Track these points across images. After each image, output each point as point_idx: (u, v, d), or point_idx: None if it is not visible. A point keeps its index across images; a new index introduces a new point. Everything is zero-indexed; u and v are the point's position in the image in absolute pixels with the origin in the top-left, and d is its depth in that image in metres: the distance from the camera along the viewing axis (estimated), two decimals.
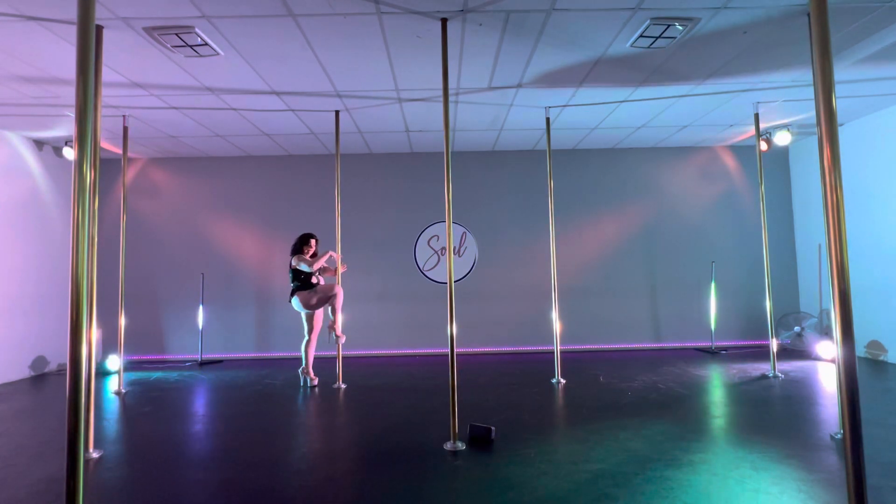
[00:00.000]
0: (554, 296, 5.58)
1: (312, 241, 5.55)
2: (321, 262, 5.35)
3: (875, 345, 6.34)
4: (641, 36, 3.97)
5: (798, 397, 4.69)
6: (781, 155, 7.77)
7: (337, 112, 5.60)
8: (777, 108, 5.85)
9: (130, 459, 3.43)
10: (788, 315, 7.05)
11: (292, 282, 5.42)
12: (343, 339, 5.44)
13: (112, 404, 4.97)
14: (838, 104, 5.56)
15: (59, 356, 6.89)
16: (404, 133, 6.67)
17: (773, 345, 5.62)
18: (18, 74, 4.46)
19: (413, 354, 7.44)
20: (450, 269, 3.69)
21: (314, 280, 5.43)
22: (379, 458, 3.33)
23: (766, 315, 5.65)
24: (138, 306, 7.31)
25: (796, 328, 6.88)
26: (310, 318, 5.50)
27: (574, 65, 4.55)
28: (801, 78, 4.94)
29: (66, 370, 2.25)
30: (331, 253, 5.46)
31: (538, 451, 3.39)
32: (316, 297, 5.36)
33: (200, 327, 7.30)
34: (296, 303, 5.39)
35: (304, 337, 5.57)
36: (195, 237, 7.59)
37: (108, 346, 7.02)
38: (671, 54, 4.36)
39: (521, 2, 3.49)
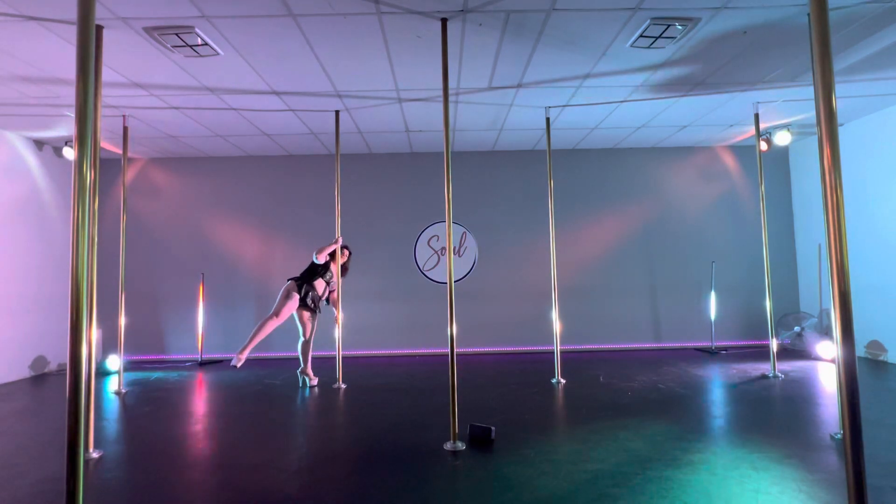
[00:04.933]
0: (554, 296, 5.58)
1: (346, 252, 5.71)
2: (327, 251, 5.44)
3: (875, 345, 6.34)
4: (641, 36, 3.98)
5: (798, 397, 4.69)
6: (781, 155, 7.77)
7: (337, 112, 5.60)
8: (777, 108, 5.85)
9: (130, 459, 3.43)
10: (788, 315, 7.05)
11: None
12: (238, 362, 5.12)
13: (112, 404, 4.97)
14: (838, 104, 5.57)
15: (59, 356, 6.89)
16: (404, 133, 6.67)
17: (773, 345, 5.62)
18: (18, 74, 4.46)
19: (413, 354, 7.44)
20: (450, 269, 3.69)
21: (315, 287, 5.47)
22: (379, 458, 3.33)
23: (766, 315, 5.65)
24: (138, 306, 7.30)
25: (796, 328, 6.88)
26: (301, 319, 5.49)
27: (574, 65, 4.55)
28: (801, 78, 4.94)
29: (66, 370, 2.25)
30: (337, 238, 5.54)
31: (538, 451, 3.38)
32: (287, 300, 5.32)
33: (200, 327, 7.30)
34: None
35: (299, 337, 5.57)
36: (195, 237, 7.59)
37: (108, 346, 7.02)
38: (671, 54, 4.36)
39: (521, 2, 3.49)
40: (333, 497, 2.78)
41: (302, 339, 5.54)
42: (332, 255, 5.56)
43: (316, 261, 5.43)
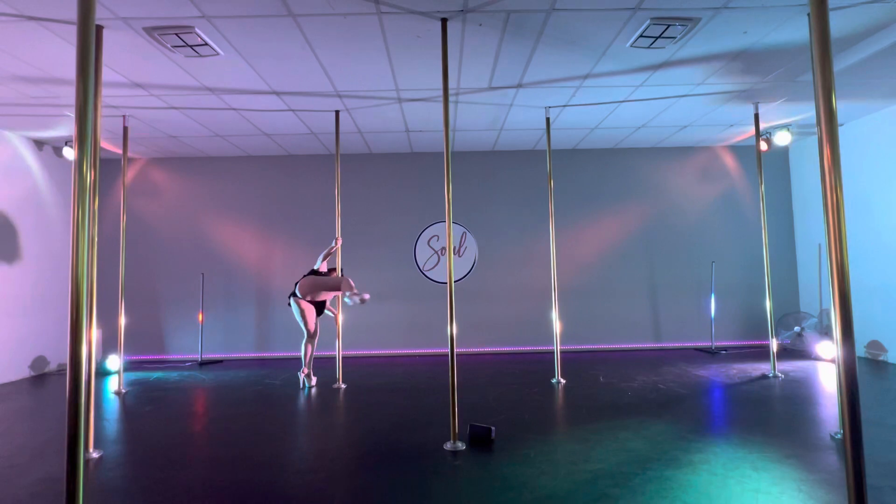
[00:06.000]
0: (554, 296, 5.58)
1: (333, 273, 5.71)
2: (328, 257, 5.53)
3: (875, 345, 6.34)
4: (641, 36, 3.98)
5: (798, 397, 4.69)
6: (781, 155, 7.77)
7: (337, 112, 5.60)
8: (777, 108, 5.85)
9: (130, 459, 3.43)
10: (788, 315, 7.05)
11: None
12: (363, 298, 5.21)
13: (112, 404, 4.97)
14: (838, 104, 5.58)
15: (59, 356, 6.89)
16: (404, 133, 6.67)
17: (773, 345, 5.62)
18: (18, 74, 4.46)
19: (413, 354, 7.44)
20: (450, 269, 3.69)
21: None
22: (379, 458, 3.33)
23: (766, 315, 5.65)
24: (138, 306, 7.30)
25: (796, 328, 6.88)
26: (303, 316, 5.45)
27: (574, 65, 4.55)
28: (802, 78, 4.94)
29: (66, 370, 2.25)
30: (337, 238, 5.59)
31: (538, 451, 3.39)
32: (328, 284, 5.32)
33: (200, 327, 7.30)
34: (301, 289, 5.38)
35: (303, 337, 5.56)
36: (195, 237, 7.59)
37: (108, 346, 7.02)
38: (671, 54, 4.36)
39: (521, 2, 3.49)
40: (334, 497, 2.78)
41: (305, 338, 5.52)
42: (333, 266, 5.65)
43: (317, 269, 5.50)
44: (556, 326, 5.56)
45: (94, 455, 3.44)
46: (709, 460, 3.17)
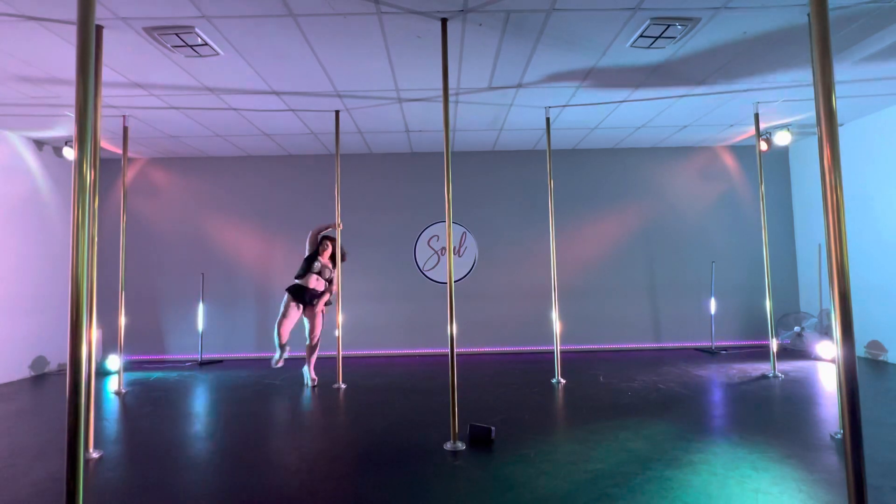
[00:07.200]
0: (554, 296, 5.58)
1: (327, 243, 5.58)
2: (315, 233, 5.55)
3: (875, 345, 6.34)
4: (641, 36, 3.98)
5: (798, 397, 4.69)
6: (781, 155, 7.77)
7: (337, 112, 5.60)
8: (777, 108, 5.85)
9: (130, 459, 3.43)
10: (788, 315, 7.05)
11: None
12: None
13: (112, 404, 4.97)
14: (838, 104, 5.58)
15: (59, 356, 6.89)
16: (404, 133, 6.67)
17: (773, 345, 5.62)
18: (18, 74, 4.46)
19: (413, 354, 7.44)
20: (450, 269, 3.69)
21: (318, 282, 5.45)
22: (379, 458, 3.33)
23: (766, 315, 5.65)
24: (138, 306, 7.30)
25: (796, 328, 6.88)
26: (306, 315, 5.46)
27: (574, 65, 4.55)
28: (801, 78, 4.94)
29: (66, 370, 2.25)
30: (334, 224, 5.59)
31: (538, 451, 3.39)
32: (289, 307, 5.34)
33: (200, 327, 7.30)
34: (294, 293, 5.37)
35: (305, 339, 5.57)
36: (195, 237, 7.59)
37: (108, 346, 7.02)
38: (671, 54, 4.36)
39: (521, 2, 3.49)
40: (333, 497, 2.78)
41: (308, 337, 5.53)
42: (324, 247, 5.52)
43: (307, 251, 5.48)
44: (556, 326, 5.56)
45: (94, 455, 3.44)
46: (709, 460, 3.17)
